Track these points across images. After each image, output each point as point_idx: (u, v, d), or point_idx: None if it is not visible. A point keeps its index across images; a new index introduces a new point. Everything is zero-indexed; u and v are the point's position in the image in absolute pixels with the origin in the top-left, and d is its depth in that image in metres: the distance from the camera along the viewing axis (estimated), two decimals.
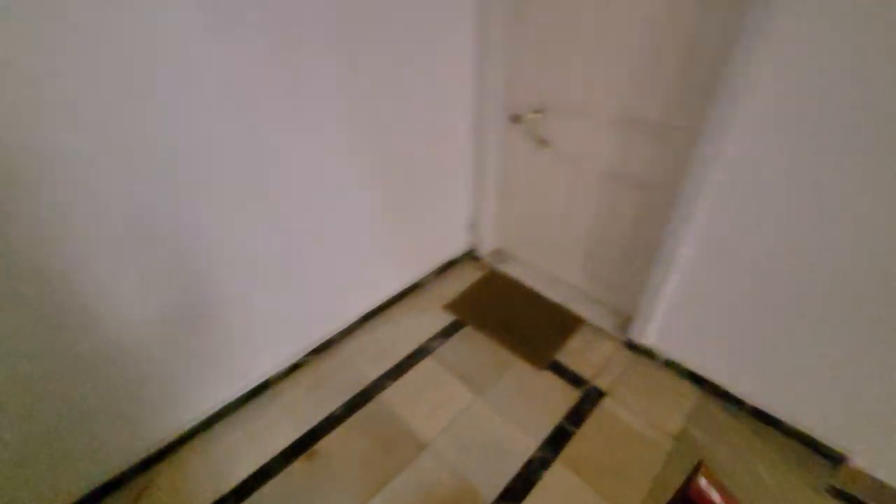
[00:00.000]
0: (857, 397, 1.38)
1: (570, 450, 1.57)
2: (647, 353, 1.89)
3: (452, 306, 2.18)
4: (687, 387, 1.77)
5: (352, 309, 2.02)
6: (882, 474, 1.41)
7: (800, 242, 1.30)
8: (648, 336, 1.84)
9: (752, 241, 1.39)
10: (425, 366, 1.89)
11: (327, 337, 1.96)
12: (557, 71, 1.75)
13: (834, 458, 1.50)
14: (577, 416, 1.67)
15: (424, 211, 2.08)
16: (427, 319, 2.12)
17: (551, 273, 2.31)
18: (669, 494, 1.45)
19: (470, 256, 2.50)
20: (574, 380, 1.81)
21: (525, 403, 1.73)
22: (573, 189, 1.96)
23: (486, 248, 2.47)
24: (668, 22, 1.39)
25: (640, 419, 1.66)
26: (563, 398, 1.74)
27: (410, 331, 2.06)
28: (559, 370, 1.85)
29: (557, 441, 1.60)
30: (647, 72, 1.51)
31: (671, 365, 1.83)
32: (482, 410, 1.71)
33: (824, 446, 1.51)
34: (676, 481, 1.48)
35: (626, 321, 2.00)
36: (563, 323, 2.06)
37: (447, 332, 2.05)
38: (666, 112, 1.52)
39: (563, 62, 1.72)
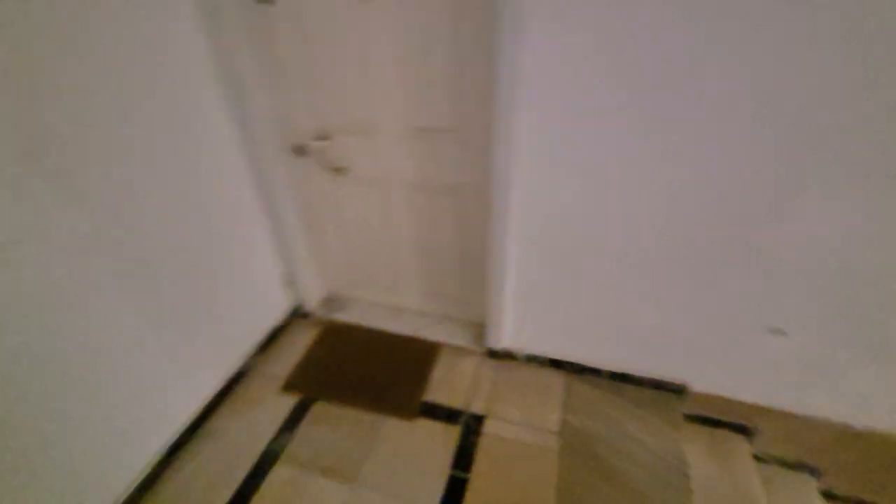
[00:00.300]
0: (674, 333, 1.53)
1: (469, 500, 1.38)
2: (508, 356, 1.85)
3: (292, 384, 1.78)
4: (552, 375, 1.78)
5: (152, 442, 1.45)
6: (717, 390, 1.60)
7: (594, 213, 1.36)
8: (504, 339, 1.79)
9: (556, 219, 1.42)
10: (277, 476, 1.47)
11: (122, 499, 1.36)
12: (332, 92, 1.53)
13: (679, 391, 1.67)
14: (464, 457, 1.50)
15: (220, 287, 1.63)
16: (264, 413, 1.68)
17: (393, 305, 2.11)
18: (574, 499, 1.39)
19: (298, 315, 2.12)
20: (450, 416, 1.64)
21: (408, 468, 1.48)
22: (388, 211, 1.79)
23: (313, 301, 2.12)
24: (429, 29, 1.31)
25: (523, 429, 1.58)
26: (446, 442, 1.55)
27: (245, 437, 1.59)
28: (432, 412, 1.66)
29: (454, 496, 1.39)
30: (420, 80, 1.41)
31: (532, 359, 1.82)
32: (363, 501, 1.40)
33: (669, 383, 1.67)
34: (575, 482, 1.43)
35: (481, 330, 1.93)
36: (420, 356, 1.88)
37: (294, 420, 1.65)
38: (453, 116, 1.45)
39: (336, 82, 1.51)
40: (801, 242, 1.19)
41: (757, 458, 1.68)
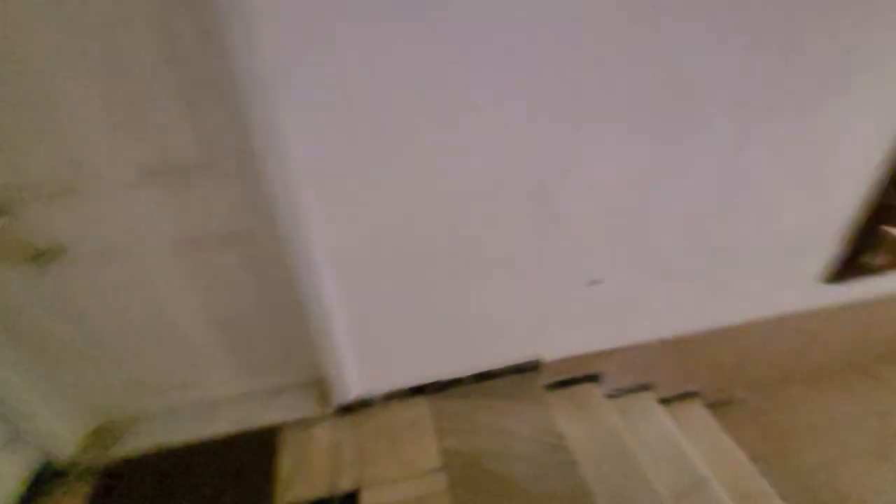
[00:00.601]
0: (514, 314, 1.53)
1: None
2: (364, 405, 1.58)
3: None
4: (416, 405, 1.59)
5: None
6: (564, 353, 1.67)
7: (400, 218, 1.23)
8: (352, 387, 1.53)
9: (366, 236, 1.24)
10: None
11: None
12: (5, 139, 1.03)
13: (535, 367, 1.69)
14: None
15: None
16: None
17: (202, 401, 1.60)
18: None
19: (49, 478, 1.40)
20: None
21: None
22: (152, 287, 1.32)
23: (69, 446, 1.45)
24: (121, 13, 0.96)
25: (405, 484, 1.35)
26: None
27: None
28: None
29: None
30: (135, 97, 1.04)
31: (391, 396, 1.60)
32: None
33: (526, 364, 1.67)
34: None
35: (323, 387, 1.61)
36: (257, 451, 1.46)
37: None
38: (200, 143, 1.13)
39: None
40: (593, 195, 1.28)
41: (610, 396, 1.84)
